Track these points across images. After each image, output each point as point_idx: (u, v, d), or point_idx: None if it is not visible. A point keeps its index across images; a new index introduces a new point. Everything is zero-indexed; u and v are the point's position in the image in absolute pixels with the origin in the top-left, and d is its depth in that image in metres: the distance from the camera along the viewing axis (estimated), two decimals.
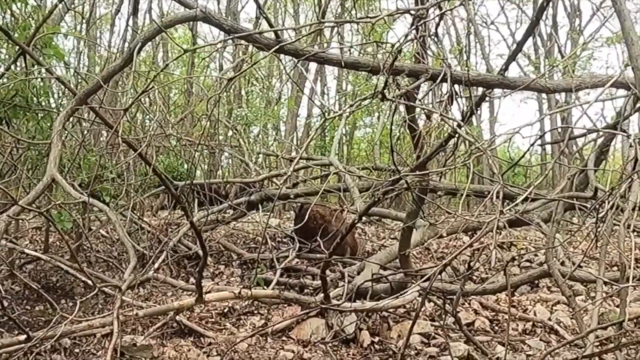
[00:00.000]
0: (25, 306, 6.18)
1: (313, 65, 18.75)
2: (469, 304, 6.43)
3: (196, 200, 8.64)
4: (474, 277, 7.39)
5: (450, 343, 5.30)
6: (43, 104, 6.52)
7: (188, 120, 10.07)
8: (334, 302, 5.30)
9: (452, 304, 3.54)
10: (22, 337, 4.58)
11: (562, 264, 6.39)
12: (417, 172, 4.03)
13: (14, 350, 4.50)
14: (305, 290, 6.69)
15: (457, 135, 3.84)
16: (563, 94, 14.99)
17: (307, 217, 7.14)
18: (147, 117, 11.19)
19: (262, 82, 16.70)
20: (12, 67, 6.18)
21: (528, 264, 7.91)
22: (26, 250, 5.59)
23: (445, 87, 4.64)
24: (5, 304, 5.99)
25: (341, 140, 15.34)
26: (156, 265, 7.17)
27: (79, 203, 6.39)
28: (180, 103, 13.99)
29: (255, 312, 6.16)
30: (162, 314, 5.19)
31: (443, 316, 5.87)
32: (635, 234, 5.14)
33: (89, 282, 5.40)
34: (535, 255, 8.15)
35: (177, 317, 5.49)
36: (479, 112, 13.58)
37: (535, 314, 6.13)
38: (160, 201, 11.79)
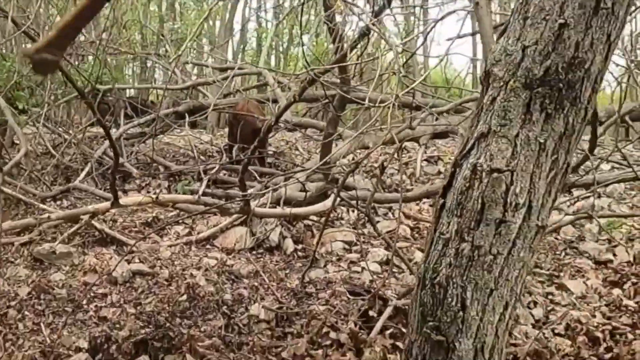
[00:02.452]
0: None
1: None
2: (393, 214, 6.57)
3: (122, 111, 8.39)
4: (399, 189, 7.54)
5: (372, 249, 5.47)
6: None
7: (116, 29, 9.61)
8: (257, 210, 5.32)
9: (366, 207, 3.60)
10: None
11: None
12: (333, 65, 3.97)
13: None
14: (231, 200, 6.69)
15: (370, 33, 3.79)
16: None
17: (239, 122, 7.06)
18: None
19: None
20: None
21: None
22: None
23: None
24: None
25: (277, 56, 15.07)
26: (81, 177, 7.03)
27: None
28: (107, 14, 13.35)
29: (180, 222, 6.14)
30: (77, 218, 5.11)
31: (366, 224, 6.02)
32: None
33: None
34: None
35: (99, 226, 5.44)
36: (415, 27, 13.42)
37: None
38: (88, 117, 11.45)
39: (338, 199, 4.12)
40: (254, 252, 5.52)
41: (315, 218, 5.96)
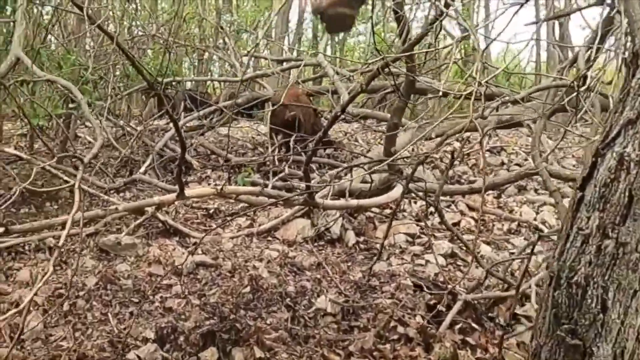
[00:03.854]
0: (10, 209, 6.11)
1: None
2: (456, 206, 6.43)
3: (182, 104, 8.47)
4: (462, 181, 7.37)
5: (435, 242, 5.34)
6: None
7: (176, 23, 9.73)
8: (319, 201, 5.25)
9: (434, 199, 3.49)
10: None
11: (551, 164, 6.34)
12: (401, 54, 3.85)
13: None
14: (293, 193, 6.66)
15: (442, 19, 3.66)
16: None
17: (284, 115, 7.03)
18: (134, 23, 10.85)
19: None
20: None
21: (517, 167, 7.85)
22: (6, 149, 5.46)
23: None
24: None
25: (334, 48, 14.97)
26: (142, 169, 7.12)
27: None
28: (167, 9, 13.58)
29: (242, 213, 6.13)
30: (143, 209, 5.15)
31: (429, 216, 5.89)
32: None
33: (70, 180, 5.33)
34: (526, 160, 8.10)
35: (162, 218, 5.47)
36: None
37: (521, 215, 6.13)
38: (149, 109, 11.65)
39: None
40: (315, 244, 5.47)
41: (377, 210, 5.87)
